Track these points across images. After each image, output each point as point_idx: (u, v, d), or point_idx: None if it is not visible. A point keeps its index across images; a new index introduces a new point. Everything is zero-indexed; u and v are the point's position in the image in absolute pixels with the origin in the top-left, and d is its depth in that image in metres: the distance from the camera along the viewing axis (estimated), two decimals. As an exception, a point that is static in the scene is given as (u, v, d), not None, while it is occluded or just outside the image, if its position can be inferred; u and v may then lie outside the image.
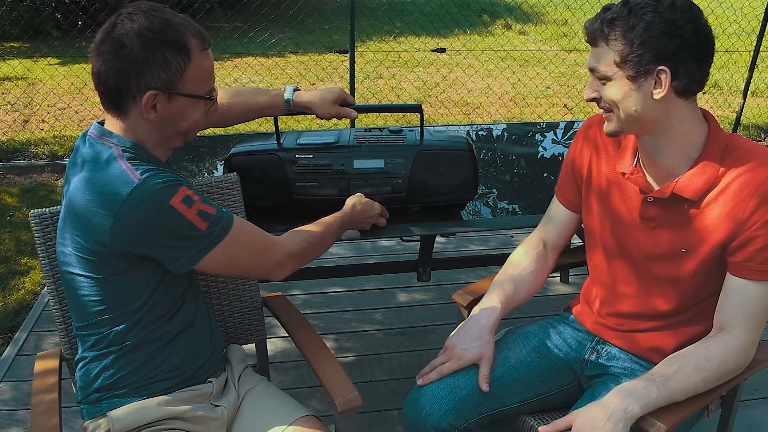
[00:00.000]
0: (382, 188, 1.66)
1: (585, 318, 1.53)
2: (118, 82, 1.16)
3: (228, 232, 1.22)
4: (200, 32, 1.20)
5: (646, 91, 1.20)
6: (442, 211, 1.76)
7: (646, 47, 1.16)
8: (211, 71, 1.24)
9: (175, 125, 1.23)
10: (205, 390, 1.36)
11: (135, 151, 1.20)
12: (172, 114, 1.21)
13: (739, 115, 4.93)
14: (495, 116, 5.43)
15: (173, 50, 1.16)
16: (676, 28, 1.16)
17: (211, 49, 1.24)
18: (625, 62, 1.18)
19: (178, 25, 1.17)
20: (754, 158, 1.22)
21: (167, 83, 1.17)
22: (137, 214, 1.13)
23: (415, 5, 9.17)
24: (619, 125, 1.27)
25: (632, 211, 1.36)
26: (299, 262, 1.37)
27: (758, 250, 1.22)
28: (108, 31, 1.16)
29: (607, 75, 1.22)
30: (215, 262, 1.23)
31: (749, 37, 6.81)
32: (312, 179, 1.65)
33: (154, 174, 1.15)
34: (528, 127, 2.76)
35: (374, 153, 1.66)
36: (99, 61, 1.16)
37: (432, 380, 1.42)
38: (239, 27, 7.75)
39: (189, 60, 1.18)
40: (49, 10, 6.90)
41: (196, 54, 1.19)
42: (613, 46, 1.19)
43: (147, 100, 1.16)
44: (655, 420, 1.21)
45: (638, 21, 1.16)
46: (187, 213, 1.16)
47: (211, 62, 1.23)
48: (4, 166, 4.25)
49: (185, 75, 1.18)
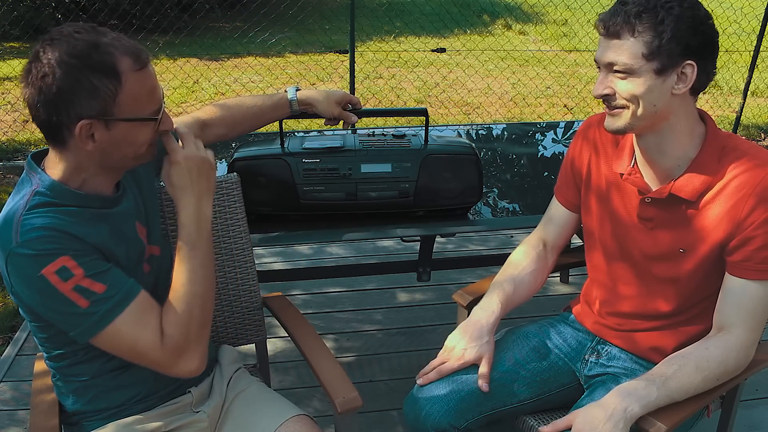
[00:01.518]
0: (389, 192, 1.67)
1: (585, 318, 1.53)
2: (48, 114, 1.07)
3: (113, 319, 1.10)
4: (133, 50, 1.09)
5: (669, 86, 1.19)
6: (447, 214, 1.76)
7: (676, 40, 1.15)
8: (152, 90, 1.13)
9: (120, 151, 1.13)
10: (185, 401, 1.34)
11: (51, 193, 1.11)
12: (113, 141, 1.11)
13: (739, 115, 4.93)
14: (495, 116, 5.43)
15: (100, 74, 1.05)
16: (700, 23, 1.17)
17: (211, 50, 1.21)
18: (653, 55, 1.16)
19: (106, 45, 1.06)
20: (752, 158, 1.22)
21: (100, 110, 1.07)
22: (17, 279, 1.07)
23: (415, 5, 9.16)
24: (631, 121, 1.23)
25: (631, 211, 1.36)
26: (196, 345, 1.18)
27: (756, 250, 1.22)
28: (32, 61, 1.06)
29: (632, 68, 1.18)
30: (113, 345, 1.12)
31: (749, 37, 6.81)
32: (319, 183, 1.65)
33: (35, 239, 1.05)
34: (528, 126, 2.76)
35: (381, 157, 1.66)
36: (26, 93, 1.07)
37: (432, 380, 1.42)
38: (239, 27, 7.75)
39: (120, 83, 1.07)
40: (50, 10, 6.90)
41: (129, 75, 1.08)
42: (642, 37, 1.16)
43: (80, 131, 1.07)
44: (655, 420, 1.21)
45: (667, 14, 1.15)
46: (62, 287, 1.05)
47: (151, 81, 1.12)
48: (4, 166, 4.25)
49: (119, 99, 1.08)
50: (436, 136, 1.79)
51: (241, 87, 5.82)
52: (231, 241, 1.58)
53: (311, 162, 1.64)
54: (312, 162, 1.64)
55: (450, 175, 1.68)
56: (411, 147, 1.68)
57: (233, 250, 1.58)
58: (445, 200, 1.71)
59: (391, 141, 1.72)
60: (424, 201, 1.69)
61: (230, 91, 5.83)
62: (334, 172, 1.65)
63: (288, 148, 1.68)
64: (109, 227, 1.16)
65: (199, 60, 6.53)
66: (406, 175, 1.66)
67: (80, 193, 1.14)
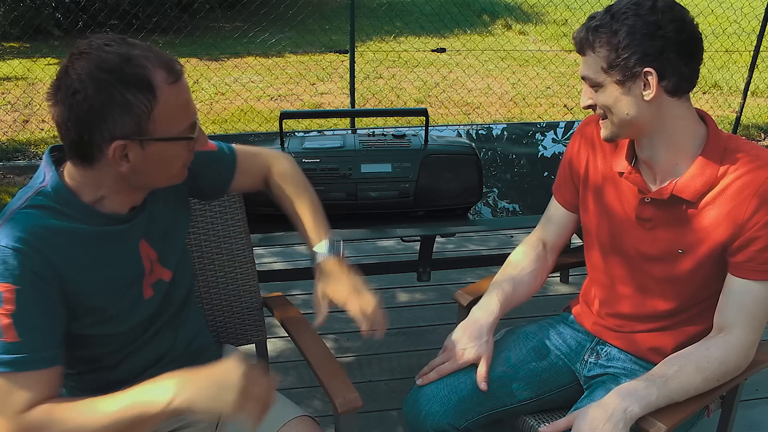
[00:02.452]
0: (389, 192, 1.67)
1: (584, 318, 1.53)
2: (79, 134, 1.00)
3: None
4: (167, 62, 1.03)
5: (636, 94, 1.20)
6: (447, 214, 1.76)
7: (631, 50, 1.17)
8: (186, 105, 1.06)
9: (154, 172, 1.08)
10: None
11: (55, 197, 1.05)
12: (147, 161, 1.05)
13: (739, 115, 4.93)
14: (495, 116, 5.43)
15: (134, 89, 0.99)
16: (658, 28, 1.17)
17: (211, 50, 1.18)
18: (611, 67, 1.20)
19: (138, 58, 1.00)
20: (754, 159, 1.22)
21: (134, 128, 1.01)
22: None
23: (415, 5, 9.16)
24: (614, 130, 1.28)
25: (629, 211, 1.36)
26: None
27: (759, 251, 1.22)
28: (60, 77, 1.00)
29: (598, 82, 1.23)
30: None
31: (749, 37, 6.81)
32: (319, 183, 1.65)
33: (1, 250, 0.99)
34: (528, 126, 2.76)
35: (381, 157, 1.66)
36: (55, 112, 1.01)
37: (431, 380, 1.42)
38: (239, 27, 7.75)
39: (155, 98, 1.01)
40: (49, 9, 6.90)
41: (164, 89, 1.01)
42: (599, 53, 1.21)
43: (114, 152, 1.01)
44: (655, 420, 1.21)
45: (620, 26, 1.18)
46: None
47: (185, 95, 1.06)
48: (4, 166, 4.25)
49: (154, 115, 1.01)
50: (436, 136, 1.79)
51: (241, 87, 5.82)
52: (231, 241, 1.58)
53: (311, 162, 1.64)
54: (312, 162, 1.64)
55: (450, 175, 1.68)
56: (411, 147, 1.68)
57: (233, 250, 1.58)
58: (445, 200, 1.71)
59: (391, 141, 1.72)
60: (424, 201, 1.69)
61: (230, 91, 5.83)
62: (334, 172, 1.65)
63: (288, 148, 1.68)
64: (97, 250, 1.10)
65: (199, 60, 6.53)
66: (406, 175, 1.66)
67: (87, 207, 1.08)
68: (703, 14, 6.43)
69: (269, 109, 5.34)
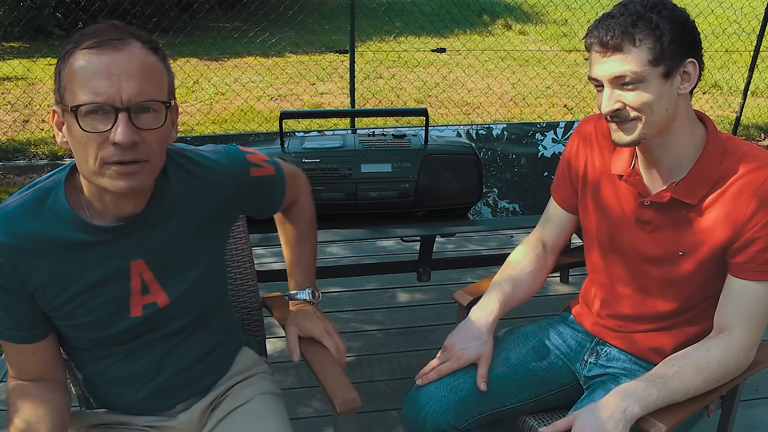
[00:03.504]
0: (389, 192, 1.67)
1: (584, 319, 1.53)
2: None
3: None
4: (99, 30, 0.96)
5: (675, 88, 1.20)
6: (447, 214, 1.76)
7: (675, 41, 1.16)
8: (92, 77, 0.93)
9: (78, 158, 0.99)
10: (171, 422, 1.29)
11: (45, 198, 1.05)
12: (71, 140, 0.99)
13: (739, 115, 4.93)
14: (495, 116, 5.43)
15: (62, 54, 0.96)
16: (686, 21, 1.18)
17: (211, 50, 1.16)
18: (658, 60, 1.16)
19: (88, 29, 0.97)
20: (753, 160, 1.22)
21: (57, 94, 0.97)
22: None
23: (415, 5, 9.16)
24: (644, 131, 1.22)
25: (628, 213, 1.36)
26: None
27: (760, 251, 1.22)
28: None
29: (642, 77, 1.17)
30: None
31: (749, 37, 6.81)
32: (319, 183, 1.65)
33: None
34: (528, 126, 2.76)
35: (381, 157, 1.66)
36: None
37: (431, 380, 1.42)
38: (239, 27, 7.75)
39: (64, 60, 0.95)
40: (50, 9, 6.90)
41: (77, 54, 0.94)
42: (643, 45, 1.16)
43: (52, 118, 1.00)
44: (655, 420, 1.21)
45: (659, 18, 1.16)
46: None
47: (96, 62, 0.93)
48: (4, 166, 4.25)
49: (62, 80, 0.95)
50: (436, 136, 1.79)
51: (241, 87, 5.82)
52: (231, 241, 1.57)
53: (311, 162, 1.64)
54: (312, 162, 1.64)
55: (450, 175, 1.68)
56: (411, 147, 1.68)
57: (233, 250, 1.58)
58: (445, 200, 1.71)
59: (391, 141, 1.72)
60: (424, 201, 1.69)
61: (230, 91, 5.83)
62: (334, 172, 1.65)
63: (288, 148, 1.68)
64: (73, 259, 1.07)
65: (199, 60, 6.53)
66: (406, 175, 1.66)
67: (72, 213, 1.05)
68: (703, 14, 6.44)
69: (269, 109, 5.34)
